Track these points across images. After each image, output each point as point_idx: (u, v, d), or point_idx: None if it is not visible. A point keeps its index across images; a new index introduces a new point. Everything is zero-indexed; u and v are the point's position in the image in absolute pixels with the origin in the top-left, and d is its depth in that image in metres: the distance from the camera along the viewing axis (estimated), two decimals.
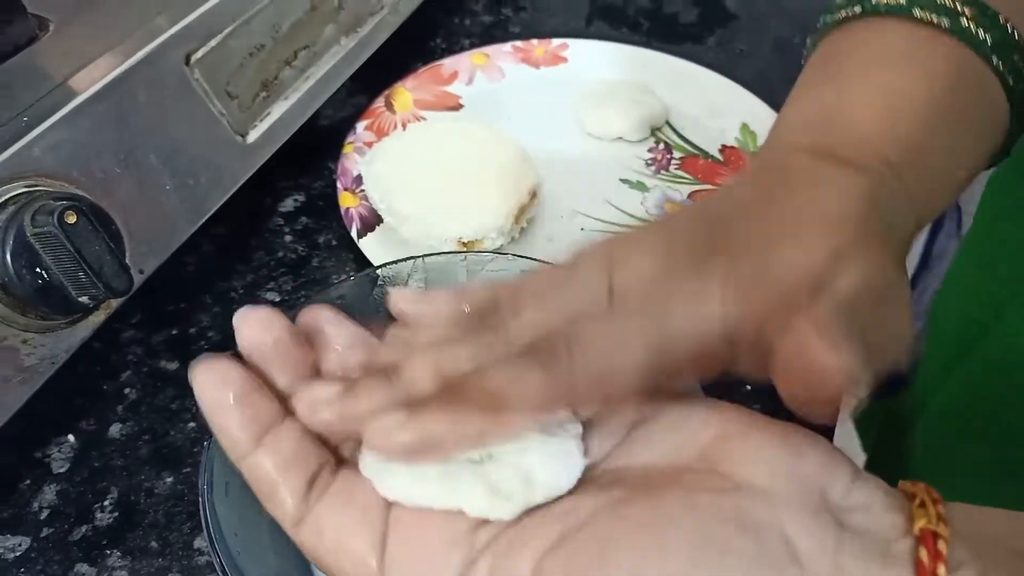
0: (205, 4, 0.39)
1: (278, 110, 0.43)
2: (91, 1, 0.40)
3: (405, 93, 0.54)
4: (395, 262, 0.34)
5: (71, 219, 0.29)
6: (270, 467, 0.21)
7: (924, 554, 0.17)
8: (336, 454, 0.22)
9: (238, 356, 0.22)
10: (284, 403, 0.22)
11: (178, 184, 0.38)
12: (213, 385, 0.21)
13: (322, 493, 0.21)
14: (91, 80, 0.35)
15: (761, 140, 0.52)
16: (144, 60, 0.36)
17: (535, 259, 0.35)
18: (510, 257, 0.35)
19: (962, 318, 0.39)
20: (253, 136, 0.42)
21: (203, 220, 0.39)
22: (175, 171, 0.37)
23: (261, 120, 0.42)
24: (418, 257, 0.34)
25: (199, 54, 0.39)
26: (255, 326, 0.23)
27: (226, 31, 0.40)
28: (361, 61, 0.49)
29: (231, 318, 0.43)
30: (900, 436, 0.48)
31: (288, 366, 0.22)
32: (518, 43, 0.59)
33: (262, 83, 0.43)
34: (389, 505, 0.21)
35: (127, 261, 0.34)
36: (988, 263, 0.38)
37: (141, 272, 0.36)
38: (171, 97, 0.37)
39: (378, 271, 0.34)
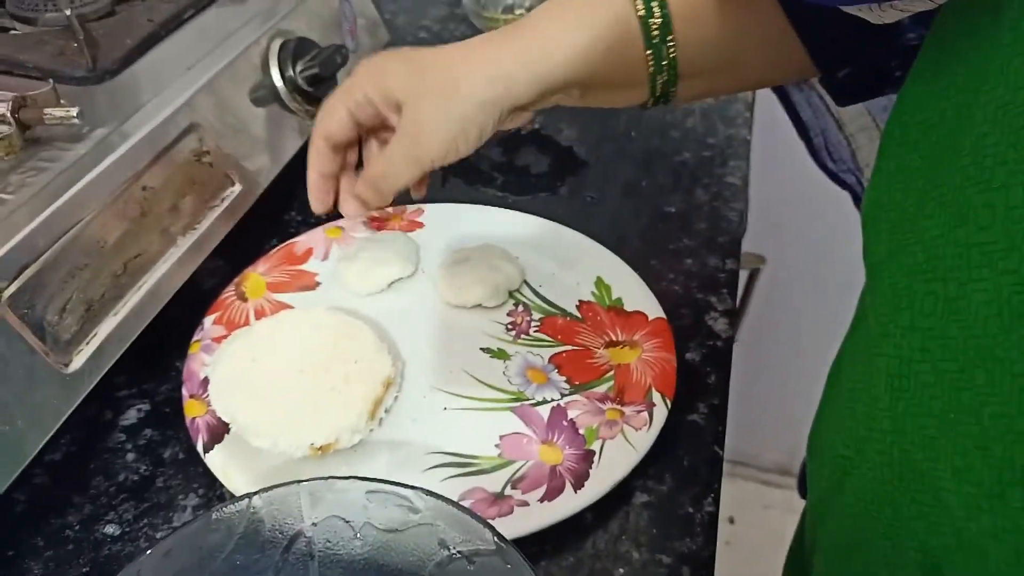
0: (16, 235, 0.37)
1: (106, 328, 0.41)
2: None
3: (257, 278, 0.53)
4: (226, 504, 0.32)
5: None
6: None
7: None
8: None
9: None
10: None
11: None
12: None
13: None
14: None
15: (615, 292, 0.53)
16: None
17: (378, 480, 0.33)
18: (353, 480, 0.33)
19: (832, 456, 0.40)
20: (78, 362, 0.39)
21: (23, 466, 0.36)
22: None
23: (87, 343, 0.40)
24: (252, 495, 0.32)
25: (11, 289, 0.37)
26: None
27: (41, 260, 0.38)
28: (201, 259, 0.47)
29: (65, 563, 0.39)
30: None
31: None
32: (373, 212, 0.59)
33: (86, 304, 0.41)
34: None
35: None
36: (848, 400, 0.39)
37: None
38: None
39: (213, 515, 0.32)
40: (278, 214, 0.61)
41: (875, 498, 0.33)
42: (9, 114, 0.42)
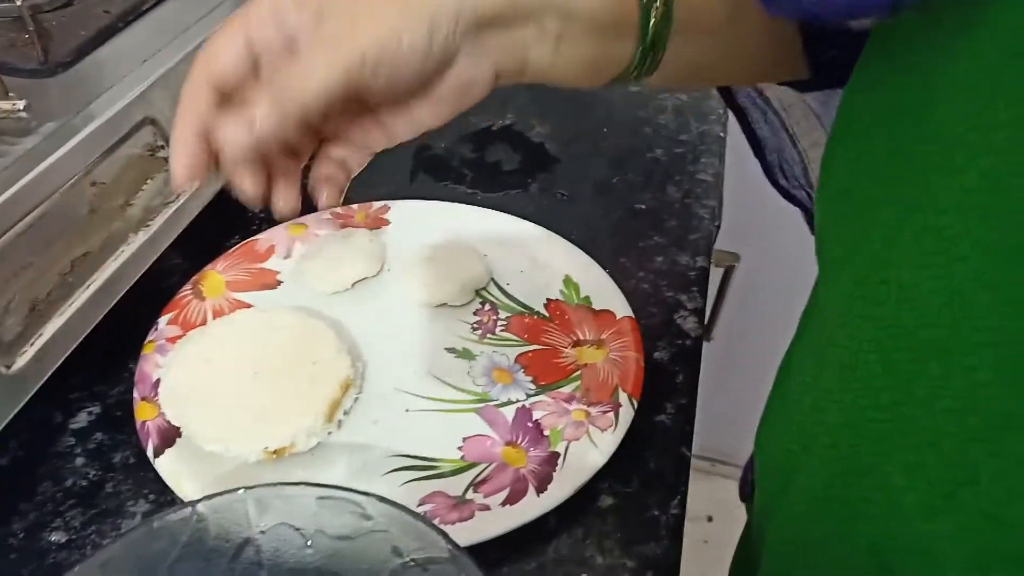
0: None
1: (51, 329, 0.40)
2: None
3: (216, 276, 0.52)
4: (168, 512, 0.31)
5: None
6: None
7: None
8: None
9: None
10: None
11: None
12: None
13: None
14: None
15: (584, 291, 0.52)
16: None
17: (329, 486, 0.32)
18: (302, 487, 0.32)
19: (780, 452, 0.40)
20: (20, 364, 0.38)
21: None
22: None
23: (30, 344, 0.39)
24: (196, 502, 0.31)
25: None
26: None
27: None
28: (154, 257, 0.46)
29: (8, 572, 0.38)
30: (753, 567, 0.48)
31: None
32: (337, 209, 0.58)
33: (30, 303, 0.39)
34: None
35: None
36: (797, 394, 0.38)
37: None
38: None
39: (155, 523, 0.31)
40: (241, 211, 0.59)
41: (824, 495, 0.32)
42: None
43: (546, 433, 0.44)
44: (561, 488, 0.40)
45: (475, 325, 0.51)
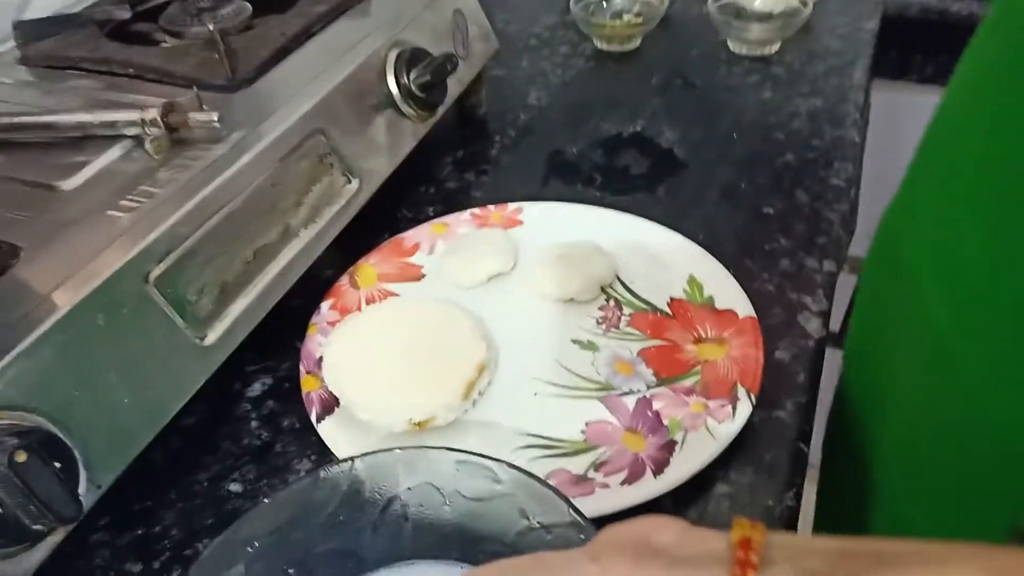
0: (163, 224, 0.43)
1: (237, 308, 0.46)
2: (61, 226, 0.43)
3: (369, 269, 0.58)
4: (332, 465, 0.36)
5: (21, 458, 0.31)
6: None
7: (739, 553, 0.23)
8: None
9: None
10: None
11: (137, 397, 0.40)
12: None
13: None
14: (52, 309, 0.38)
15: (707, 290, 0.54)
16: (104, 285, 0.39)
17: (467, 452, 0.36)
18: (444, 451, 0.36)
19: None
20: (212, 337, 0.45)
21: (162, 426, 0.42)
22: (133, 385, 0.40)
23: (220, 320, 0.45)
24: (355, 458, 0.36)
25: (157, 271, 0.42)
26: None
27: (184, 246, 0.43)
28: (321, 249, 0.52)
29: (194, 514, 0.45)
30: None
31: None
32: (476, 210, 0.62)
33: (220, 286, 0.46)
34: None
35: (83, 481, 0.36)
36: None
37: (99, 487, 0.38)
38: (130, 315, 0.40)
39: (321, 473, 0.36)
40: (390, 210, 0.65)
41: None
42: (159, 118, 0.48)
43: (665, 422, 0.46)
44: (678, 472, 0.43)
45: (600, 320, 0.54)
